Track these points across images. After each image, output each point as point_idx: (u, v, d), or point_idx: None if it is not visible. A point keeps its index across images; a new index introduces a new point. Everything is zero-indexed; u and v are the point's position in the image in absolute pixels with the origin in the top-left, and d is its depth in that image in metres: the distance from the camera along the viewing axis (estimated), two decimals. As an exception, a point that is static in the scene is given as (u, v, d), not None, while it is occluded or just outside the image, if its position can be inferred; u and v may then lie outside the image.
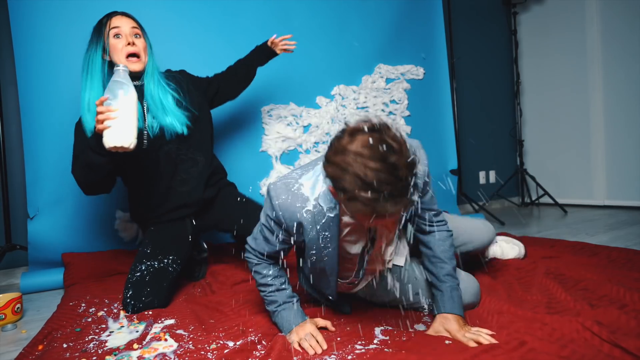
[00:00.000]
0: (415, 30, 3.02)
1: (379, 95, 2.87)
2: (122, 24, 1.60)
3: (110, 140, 1.29)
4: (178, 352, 1.11)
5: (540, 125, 3.95)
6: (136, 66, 1.63)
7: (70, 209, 2.06)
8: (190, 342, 1.17)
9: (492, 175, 3.93)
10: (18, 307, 1.56)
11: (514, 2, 3.79)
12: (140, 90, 1.64)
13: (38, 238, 2.00)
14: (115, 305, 1.55)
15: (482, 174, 3.86)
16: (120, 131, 1.29)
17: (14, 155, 2.18)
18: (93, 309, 1.51)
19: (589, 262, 1.73)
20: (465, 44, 3.69)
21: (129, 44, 1.59)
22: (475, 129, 3.79)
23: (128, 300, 1.47)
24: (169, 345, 1.16)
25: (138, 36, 1.64)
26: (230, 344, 1.13)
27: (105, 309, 1.50)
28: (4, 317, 1.51)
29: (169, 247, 1.66)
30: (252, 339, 1.14)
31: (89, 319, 1.40)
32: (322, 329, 1.19)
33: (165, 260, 1.61)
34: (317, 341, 1.09)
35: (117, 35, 1.59)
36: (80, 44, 2.06)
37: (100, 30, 1.61)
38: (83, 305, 1.56)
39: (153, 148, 1.66)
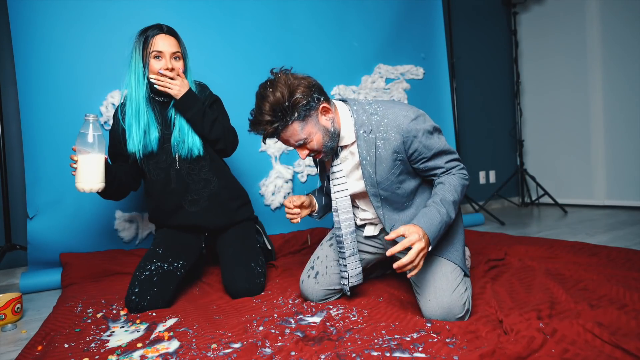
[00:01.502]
0: (415, 30, 3.02)
1: (378, 96, 2.86)
2: (164, 48, 1.58)
3: (76, 182, 1.42)
4: (180, 352, 1.11)
5: (540, 125, 3.95)
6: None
7: (69, 208, 2.06)
8: (193, 341, 1.17)
9: (492, 175, 3.93)
10: (18, 307, 1.56)
11: (514, 2, 3.79)
12: (167, 107, 1.68)
13: (38, 238, 2.00)
14: (114, 305, 1.55)
15: (482, 174, 3.86)
16: (80, 177, 1.41)
17: (14, 155, 2.18)
18: (91, 309, 1.51)
19: (588, 262, 1.73)
20: (465, 44, 3.69)
21: (167, 69, 1.59)
22: (475, 129, 3.79)
23: (132, 297, 1.47)
24: (172, 345, 1.16)
25: (177, 58, 1.63)
26: (234, 345, 1.13)
27: (103, 310, 1.50)
28: (4, 317, 1.51)
29: (181, 252, 1.68)
30: (255, 341, 1.14)
31: (88, 320, 1.40)
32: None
33: (175, 264, 1.62)
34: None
35: (157, 57, 1.59)
36: (80, 44, 2.09)
37: (144, 45, 1.59)
38: (80, 306, 1.56)
39: (164, 165, 1.68)
